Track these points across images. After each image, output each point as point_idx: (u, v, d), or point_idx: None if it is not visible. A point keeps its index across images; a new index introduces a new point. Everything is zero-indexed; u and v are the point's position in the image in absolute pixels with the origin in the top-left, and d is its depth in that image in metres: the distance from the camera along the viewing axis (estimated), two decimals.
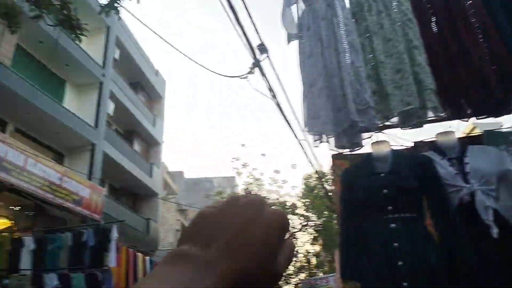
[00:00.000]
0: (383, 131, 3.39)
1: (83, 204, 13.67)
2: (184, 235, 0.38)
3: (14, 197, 11.86)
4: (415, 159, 2.64)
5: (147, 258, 10.22)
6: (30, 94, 12.12)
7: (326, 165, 23.68)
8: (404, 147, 3.44)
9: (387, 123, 3.22)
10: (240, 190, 25.89)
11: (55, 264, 8.34)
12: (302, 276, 24.51)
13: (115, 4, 4.86)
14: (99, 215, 14.25)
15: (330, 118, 3.07)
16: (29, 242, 8.51)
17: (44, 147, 14.04)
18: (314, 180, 25.51)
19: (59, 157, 14.54)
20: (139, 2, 5.04)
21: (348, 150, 3.30)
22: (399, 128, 3.38)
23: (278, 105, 5.56)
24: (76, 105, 15.30)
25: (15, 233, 9.61)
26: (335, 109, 3.10)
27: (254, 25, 4.51)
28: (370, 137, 3.20)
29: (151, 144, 21.86)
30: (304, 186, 26.43)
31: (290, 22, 3.76)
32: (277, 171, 24.27)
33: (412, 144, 3.39)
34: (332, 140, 3.31)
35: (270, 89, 5.37)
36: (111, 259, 7.99)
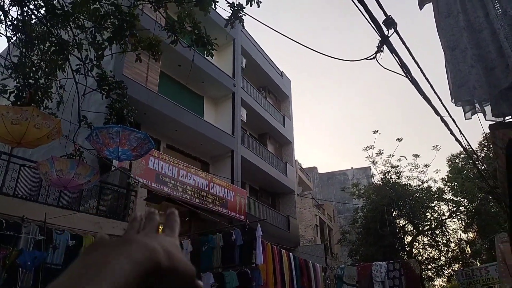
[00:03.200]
0: None
1: (229, 206, 14.99)
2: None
3: (171, 206, 13.64)
4: None
5: (291, 254, 10.67)
6: (175, 113, 13.80)
7: (476, 141, 21.19)
8: None
9: None
10: (376, 179, 24.81)
11: (210, 264, 9.24)
12: (456, 267, 22.31)
13: (239, 14, 5.20)
14: (244, 216, 15.42)
15: (481, 81, 2.58)
16: (186, 245, 9.61)
17: (191, 158, 15.81)
18: (461, 161, 23.00)
19: (204, 166, 16.18)
20: (259, 6, 5.27)
21: (510, 117, 2.73)
22: None
23: (413, 81, 5.12)
24: (214, 117, 16.83)
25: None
26: (487, 69, 2.60)
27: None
28: None
29: (283, 143, 22.65)
30: (449, 169, 24.03)
31: None
32: (416, 155, 22.44)
33: None
34: (488, 108, 2.79)
35: (402, 66, 4.96)
36: (258, 257, 8.54)
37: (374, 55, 4.43)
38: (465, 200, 21.81)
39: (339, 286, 14.28)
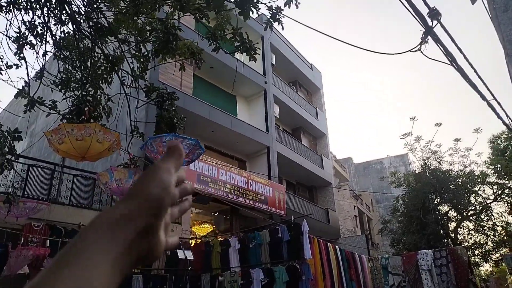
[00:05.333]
0: None
1: (268, 202, 15.18)
2: None
3: (214, 205, 13.97)
4: None
5: (337, 247, 10.71)
6: (211, 114, 14.08)
7: None
8: None
9: None
10: (415, 166, 24.27)
11: (258, 260, 9.44)
12: (504, 251, 21.53)
13: (277, 16, 5.28)
14: (283, 211, 15.56)
15: None
16: (234, 242, 9.84)
17: (228, 157, 16.09)
18: (504, 141, 22.16)
19: (241, 164, 16.42)
20: (298, 8, 5.33)
21: None
22: None
23: (459, 69, 5.08)
24: (248, 115, 17.03)
25: (222, 236, 11.33)
26: None
27: None
28: None
29: (317, 136, 22.59)
30: (491, 150, 23.20)
31: None
32: (457, 140, 21.75)
33: None
34: None
35: (448, 55, 4.92)
36: (306, 251, 8.65)
37: (419, 46, 4.42)
38: (510, 182, 21.02)
39: (385, 276, 14.19)
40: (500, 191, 21.07)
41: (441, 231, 20.96)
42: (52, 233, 7.34)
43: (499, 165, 21.04)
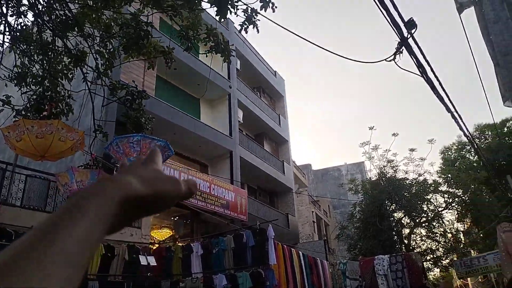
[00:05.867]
0: None
1: (230, 207, 15.01)
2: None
3: (174, 209, 13.62)
4: None
5: (300, 252, 10.74)
6: (173, 116, 13.75)
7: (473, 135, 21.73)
8: None
9: None
10: (372, 174, 25.07)
11: (221, 265, 9.26)
12: (453, 257, 22.68)
13: (253, 19, 5.20)
14: (245, 216, 15.45)
15: None
16: (197, 248, 9.60)
17: (190, 160, 15.78)
18: (454, 152, 23.44)
19: (203, 168, 16.17)
20: (274, 11, 5.29)
21: None
22: None
23: (429, 81, 5.26)
24: (211, 118, 16.82)
25: (183, 241, 11.04)
26: None
27: (394, 4, 4.35)
28: None
29: (279, 142, 22.74)
30: (442, 161, 24.42)
31: None
32: (412, 149, 22.76)
33: None
34: None
35: (419, 66, 5.07)
36: (271, 257, 8.58)
37: (393, 56, 4.51)
38: (460, 191, 22.20)
39: (344, 281, 14.45)
40: (450, 200, 22.20)
41: (396, 237, 21.73)
42: (1, 237, 6.78)
43: (449, 175, 22.19)
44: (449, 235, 23.26)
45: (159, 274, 9.47)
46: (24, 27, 5.44)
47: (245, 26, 5.20)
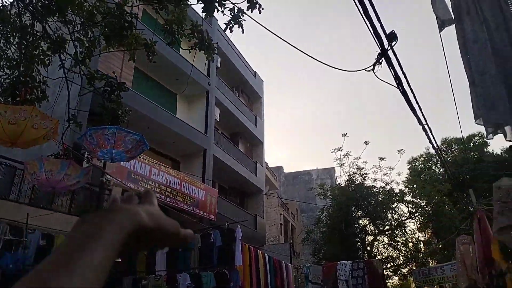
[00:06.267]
0: None
1: (200, 205, 14.91)
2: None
3: None
4: None
5: (266, 254, 10.81)
6: (149, 110, 13.54)
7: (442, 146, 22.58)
8: None
9: None
10: (341, 180, 25.55)
11: (187, 264, 9.16)
12: (412, 266, 23.41)
13: (239, 19, 5.21)
14: (214, 215, 15.39)
15: (509, 108, 2.84)
16: None
17: (162, 156, 15.58)
18: (421, 163, 24.21)
19: (175, 164, 15.99)
20: (261, 13, 5.32)
21: None
22: None
23: (404, 93, 5.45)
24: (187, 115, 16.66)
25: None
26: None
27: (377, 16, 4.45)
28: None
29: (254, 143, 22.79)
30: (409, 171, 25.17)
31: (443, 7, 3.50)
32: (382, 158, 23.41)
33: None
34: (508, 130, 3.04)
35: (396, 78, 5.24)
36: (237, 258, 8.59)
37: (373, 66, 4.65)
38: (424, 202, 22.93)
39: (306, 285, 14.64)
40: (414, 210, 22.92)
41: (359, 243, 22.23)
42: None
43: (415, 185, 22.92)
44: (410, 244, 23.99)
45: (121, 270, 9.30)
46: (1, 8, 5.25)
47: (231, 25, 5.22)
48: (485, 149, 21.35)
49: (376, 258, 20.19)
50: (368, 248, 22.75)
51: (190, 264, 9.17)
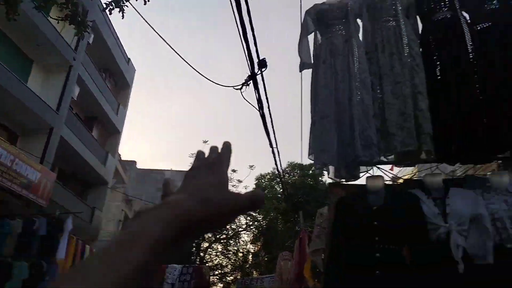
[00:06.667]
0: (378, 166, 3.64)
1: (32, 188, 13.36)
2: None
3: None
4: (405, 196, 2.95)
5: (94, 250, 10.36)
6: None
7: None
8: (395, 183, 3.80)
9: (383, 159, 3.44)
10: None
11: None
12: (238, 275, 25.01)
13: (121, 4, 5.10)
14: (46, 201, 13.95)
15: (337, 152, 3.29)
16: None
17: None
18: (267, 181, 26.32)
19: (12, 138, 14.16)
20: (146, 4, 5.31)
21: (344, 180, 3.56)
22: (394, 165, 3.76)
23: (263, 117, 6.15)
24: (40, 85, 14.99)
25: None
26: (343, 144, 3.30)
27: (255, 41, 4.92)
28: (367, 171, 3.50)
29: (110, 132, 21.57)
30: (255, 187, 27.11)
31: (306, 52, 3.90)
32: (234, 171, 24.90)
33: (402, 181, 3.76)
34: (331, 169, 3.58)
35: (258, 101, 5.86)
36: (61, 251, 8.08)
37: (241, 86, 5.23)
38: (261, 216, 24.90)
39: None
40: (251, 222, 24.72)
41: (194, 248, 22.91)
42: None
43: None
44: (240, 254, 25.69)
45: None
46: None
47: (111, 7, 5.12)
48: (320, 178, 24.06)
49: (207, 264, 21.07)
50: (202, 254, 23.59)
51: (3, 251, 8.25)
